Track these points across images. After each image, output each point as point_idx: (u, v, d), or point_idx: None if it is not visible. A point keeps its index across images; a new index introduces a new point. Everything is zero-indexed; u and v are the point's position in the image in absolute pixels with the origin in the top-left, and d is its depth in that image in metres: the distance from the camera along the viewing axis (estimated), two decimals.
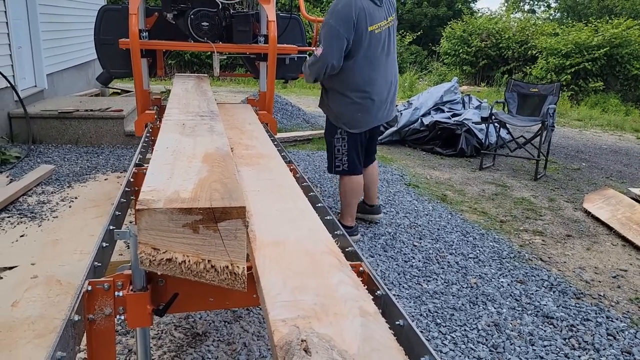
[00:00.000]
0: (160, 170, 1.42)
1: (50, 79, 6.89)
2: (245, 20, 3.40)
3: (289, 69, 3.84)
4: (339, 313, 1.03)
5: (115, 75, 3.86)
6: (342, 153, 3.35)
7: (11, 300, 2.47)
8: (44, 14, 6.68)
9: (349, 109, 3.23)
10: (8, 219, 3.54)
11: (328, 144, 3.46)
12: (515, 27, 14.19)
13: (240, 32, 3.37)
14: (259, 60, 3.67)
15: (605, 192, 4.71)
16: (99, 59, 3.75)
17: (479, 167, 5.74)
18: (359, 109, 3.22)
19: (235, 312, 2.52)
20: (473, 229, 3.85)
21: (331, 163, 3.44)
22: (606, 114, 10.44)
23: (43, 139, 5.69)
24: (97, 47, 3.69)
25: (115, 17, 3.60)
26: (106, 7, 3.70)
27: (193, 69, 13.83)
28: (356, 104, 3.21)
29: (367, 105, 3.22)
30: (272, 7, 3.34)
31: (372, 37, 3.09)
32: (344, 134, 3.32)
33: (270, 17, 3.30)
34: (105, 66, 3.76)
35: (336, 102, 3.27)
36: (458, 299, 2.81)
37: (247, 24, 3.40)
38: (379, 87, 3.21)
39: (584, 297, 2.93)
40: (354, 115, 3.24)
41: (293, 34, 3.92)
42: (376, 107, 3.25)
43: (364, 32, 3.04)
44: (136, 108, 3.67)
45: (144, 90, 3.49)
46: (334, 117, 3.33)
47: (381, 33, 3.15)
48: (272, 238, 1.38)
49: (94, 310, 1.28)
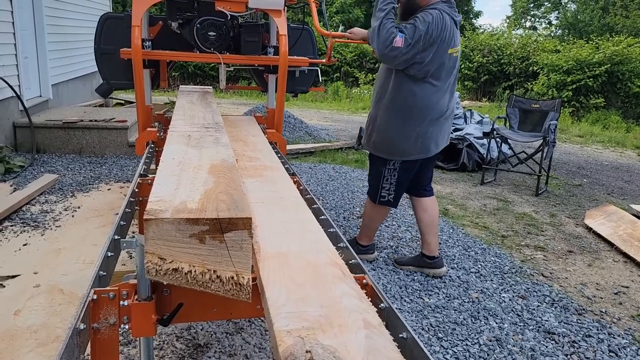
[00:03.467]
0: (167, 181, 1.44)
1: (55, 89, 6.95)
2: (254, 30, 3.29)
3: (299, 82, 3.66)
4: (343, 325, 1.03)
5: (116, 86, 3.74)
6: (390, 183, 3.05)
7: (13, 309, 2.47)
8: (50, 25, 6.76)
9: (413, 135, 2.90)
10: (11, 227, 3.55)
11: (375, 172, 3.13)
12: (516, 43, 14.30)
13: (249, 42, 3.27)
14: (268, 73, 3.56)
15: (606, 209, 4.72)
16: (99, 69, 3.58)
17: (480, 182, 5.76)
18: (423, 136, 2.92)
19: (236, 324, 2.52)
20: (475, 244, 3.85)
21: (375, 192, 3.14)
22: (607, 131, 10.48)
23: (47, 149, 5.72)
24: (97, 57, 3.53)
25: (117, 26, 3.44)
26: (108, 15, 3.54)
27: (196, 81, 13.93)
28: (423, 130, 2.90)
29: (434, 132, 2.94)
30: (284, 20, 3.19)
31: (450, 60, 2.84)
32: (397, 164, 3.01)
33: (282, 30, 3.16)
34: (105, 77, 3.61)
35: (399, 127, 2.92)
36: (460, 314, 2.81)
37: (257, 34, 3.29)
38: (447, 114, 2.97)
39: (585, 313, 2.92)
40: (415, 142, 2.92)
41: (304, 45, 3.74)
42: (441, 135, 3.00)
43: (444, 54, 2.78)
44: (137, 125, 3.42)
45: (146, 105, 3.32)
46: (389, 147, 2.98)
47: (457, 57, 2.90)
48: (276, 249, 1.39)
49: (99, 319, 1.29)
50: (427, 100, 2.85)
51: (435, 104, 2.87)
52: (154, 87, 3.74)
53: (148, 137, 3.11)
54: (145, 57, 3.12)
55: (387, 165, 3.03)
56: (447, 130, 3.06)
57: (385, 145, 3.00)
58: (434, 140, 2.96)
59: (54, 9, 6.88)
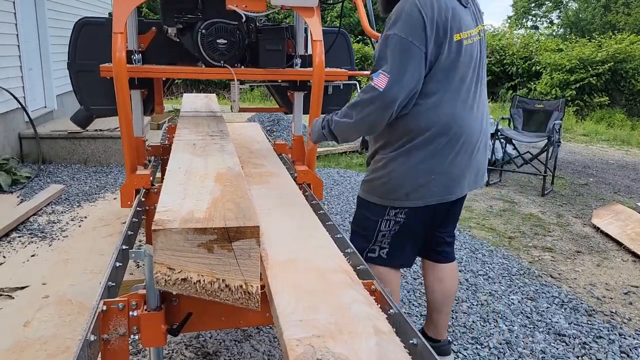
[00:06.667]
0: (173, 191, 1.44)
1: (60, 100, 6.99)
2: (277, 36, 2.52)
3: (331, 101, 2.82)
4: (353, 332, 1.03)
5: (97, 113, 2.90)
6: (386, 237, 2.02)
7: (23, 321, 2.48)
8: (54, 37, 6.81)
9: (419, 169, 1.87)
10: (19, 238, 3.57)
11: (365, 221, 2.07)
12: (518, 43, 14.29)
13: (270, 52, 2.51)
14: (294, 90, 2.76)
15: (614, 208, 4.69)
16: (75, 91, 2.78)
17: (485, 183, 5.74)
18: (434, 168, 1.87)
19: (245, 331, 2.52)
20: (482, 246, 3.84)
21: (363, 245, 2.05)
22: (612, 129, 10.43)
23: (53, 159, 5.75)
24: (72, 75, 2.74)
25: (97, 34, 2.65)
26: (86, 20, 2.73)
27: (199, 88, 13.97)
28: (432, 160, 1.86)
29: (449, 161, 1.87)
30: (317, 22, 2.42)
31: (459, 50, 1.81)
32: (400, 214, 1.96)
33: (316, 35, 2.40)
34: (84, 101, 2.80)
35: (396, 163, 1.90)
36: (469, 317, 2.80)
37: (280, 41, 2.52)
38: (468, 131, 1.88)
39: (595, 314, 2.90)
40: (425, 177, 1.88)
41: (339, 53, 2.95)
42: (463, 165, 1.90)
43: (445, 43, 1.77)
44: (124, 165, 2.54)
45: (136, 138, 2.52)
46: (387, 189, 1.94)
47: (472, 45, 1.87)
48: (284, 257, 1.39)
49: (109, 330, 1.29)
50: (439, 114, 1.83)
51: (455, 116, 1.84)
52: (147, 113, 3.00)
53: (138, 184, 2.35)
54: (133, 75, 2.46)
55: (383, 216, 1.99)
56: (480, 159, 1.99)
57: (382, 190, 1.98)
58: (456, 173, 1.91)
59: (57, 20, 6.93)
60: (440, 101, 1.82)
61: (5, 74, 5.51)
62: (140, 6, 2.39)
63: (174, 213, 1.24)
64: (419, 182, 1.88)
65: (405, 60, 1.72)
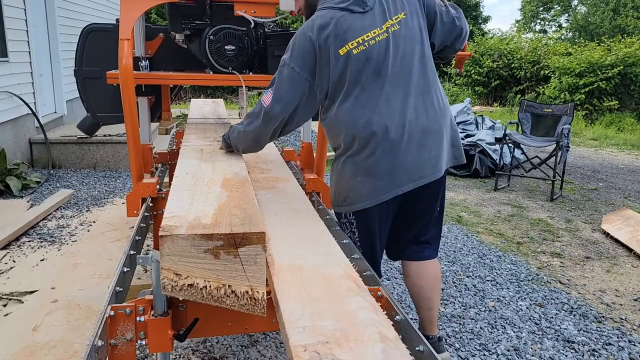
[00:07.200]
0: (181, 196, 1.45)
1: (70, 105, 7.07)
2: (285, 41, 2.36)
3: None
4: (359, 339, 1.03)
5: (104, 121, 2.93)
6: (354, 243, 1.99)
7: (32, 325, 2.50)
8: (64, 42, 6.89)
9: (345, 175, 2.02)
10: (29, 243, 3.60)
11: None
12: (527, 47, 14.23)
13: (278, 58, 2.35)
14: None
15: (623, 213, 4.65)
16: (82, 98, 2.81)
17: (494, 188, 5.71)
18: (355, 172, 1.98)
19: (252, 337, 2.52)
20: (490, 251, 3.82)
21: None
22: (622, 133, 10.35)
23: (62, 164, 5.81)
24: (79, 82, 2.76)
25: (104, 41, 2.67)
26: (92, 27, 2.75)
27: (207, 93, 14.04)
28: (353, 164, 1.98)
29: (370, 163, 1.93)
30: None
31: (346, 61, 1.88)
32: (350, 216, 2.05)
33: None
34: (91, 109, 2.83)
35: (333, 173, 2.11)
36: (476, 323, 2.78)
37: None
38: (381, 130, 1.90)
39: (605, 320, 2.87)
40: (352, 181, 1.99)
41: None
42: (389, 163, 1.93)
43: (331, 60, 1.88)
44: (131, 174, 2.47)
45: (143, 145, 2.54)
46: (333, 198, 2.13)
47: (372, 47, 1.88)
48: (290, 262, 1.39)
49: (116, 336, 1.30)
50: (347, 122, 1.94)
51: (358, 121, 1.91)
52: (155, 120, 3.00)
53: (144, 193, 2.33)
54: (139, 82, 2.46)
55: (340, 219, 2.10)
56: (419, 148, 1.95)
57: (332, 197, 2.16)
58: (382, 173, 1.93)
59: (68, 27, 7.01)
60: (342, 111, 1.93)
61: (17, 80, 5.58)
62: (149, 12, 2.41)
63: (181, 219, 1.25)
64: (348, 186, 2.01)
65: (287, 84, 1.89)
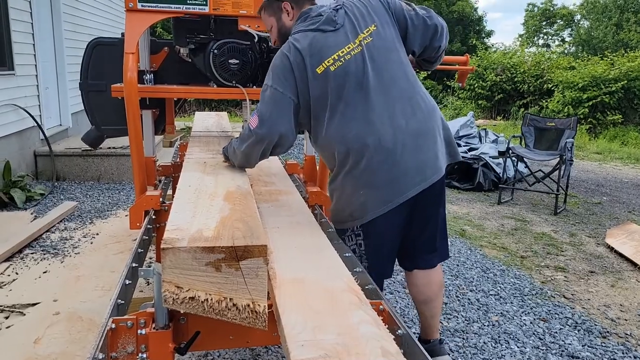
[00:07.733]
0: (183, 209, 1.46)
1: (75, 118, 7.12)
2: None
3: None
4: (360, 353, 1.03)
5: (109, 134, 2.98)
6: (359, 255, 2.04)
7: (34, 337, 2.49)
8: (70, 56, 6.96)
9: (346, 190, 2.01)
10: (32, 255, 3.60)
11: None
12: (530, 61, 14.28)
13: None
14: None
15: (628, 227, 4.63)
16: (86, 111, 2.86)
17: (497, 202, 5.70)
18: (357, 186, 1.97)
19: (253, 350, 2.50)
20: (493, 265, 3.80)
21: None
22: (626, 147, 10.33)
23: (66, 176, 5.83)
24: (84, 95, 2.82)
25: (109, 54, 2.75)
26: (98, 41, 2.83)
27: (212, 106, 14.13)
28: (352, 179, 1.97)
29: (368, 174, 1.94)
30: None
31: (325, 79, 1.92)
32: (356, 229, 2.05)
33: None
34: (95, 121, 2.88)
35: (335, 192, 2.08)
36: (480, 337, 2.76)
37: None
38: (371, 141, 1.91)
39: (610, 335, 2.85)
40: (355, 196, 1.99)
41: None
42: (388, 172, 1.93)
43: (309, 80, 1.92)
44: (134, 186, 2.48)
45: (146, 158, 2.54)
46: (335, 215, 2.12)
47: (349, 61, 1.92)
48: (292, 275, 1.39)
49: (117, 349, 1.30)
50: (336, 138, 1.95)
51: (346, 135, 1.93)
52: (159, 133, 3.06)
53: (147, 205, 2.32)
54: (144, 95, 2.52)
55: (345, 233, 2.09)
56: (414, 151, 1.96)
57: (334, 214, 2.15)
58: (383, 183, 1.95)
59: (74, 40, 7.09)
60: (331, 128, 1.95)
61: (23, 93, 5.63)
62: (154, 26, 2.42)
63: (183, 232, 1.25)
64: (352, 202, 2.00)
65: (271, 106, 1.91)
